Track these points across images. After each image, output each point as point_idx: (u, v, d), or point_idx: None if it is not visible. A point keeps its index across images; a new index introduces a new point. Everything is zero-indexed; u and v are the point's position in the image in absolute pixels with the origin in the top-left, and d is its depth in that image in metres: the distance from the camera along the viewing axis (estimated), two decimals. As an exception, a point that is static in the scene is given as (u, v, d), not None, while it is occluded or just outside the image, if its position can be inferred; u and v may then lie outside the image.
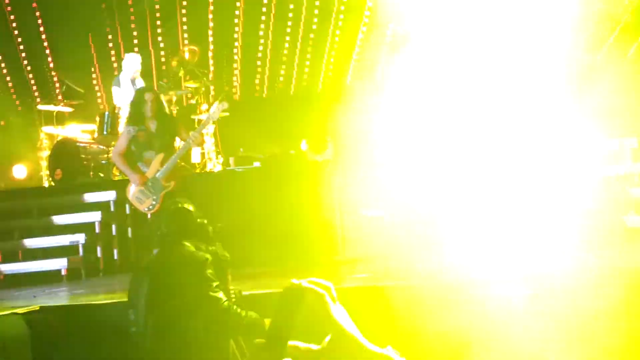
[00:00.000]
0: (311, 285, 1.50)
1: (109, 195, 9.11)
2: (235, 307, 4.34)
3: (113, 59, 12.66)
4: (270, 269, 7.79)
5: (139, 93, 7.52)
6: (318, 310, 1.48)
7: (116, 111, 10.25)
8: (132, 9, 12.64)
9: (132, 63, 10.35)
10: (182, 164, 7.74)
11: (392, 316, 5.26)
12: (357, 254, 8.22)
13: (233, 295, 4.50)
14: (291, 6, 12.40)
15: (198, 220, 4.61)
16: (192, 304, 4.29)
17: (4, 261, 8.78)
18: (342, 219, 8.47)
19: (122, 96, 10.26)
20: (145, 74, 10.80)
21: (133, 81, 10.30)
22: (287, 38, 12.51)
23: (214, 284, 4.29)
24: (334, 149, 9.50)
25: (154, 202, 7.27)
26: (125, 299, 5.38)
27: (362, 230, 8.30)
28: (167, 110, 7.59)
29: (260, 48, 12.61)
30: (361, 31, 12.27)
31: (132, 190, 7.30)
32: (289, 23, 12.47)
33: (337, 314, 1.50)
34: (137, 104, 7.35)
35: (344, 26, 12.32)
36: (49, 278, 8.21)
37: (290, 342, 1.46)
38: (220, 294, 4.29)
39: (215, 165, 10.38)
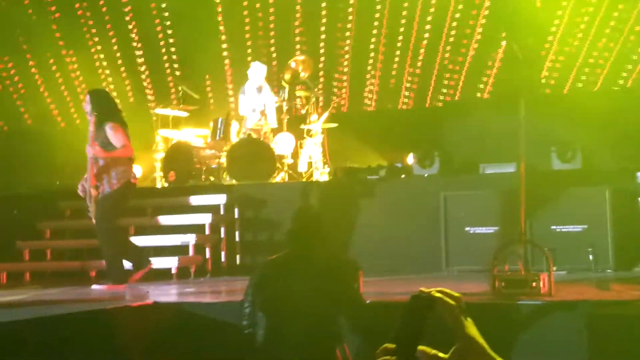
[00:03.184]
0: (441, 295, 1.51)
1: (220, 199, 9.36)
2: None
3: (226, 67, 13.02)
4: (371, 279, 7.83)
5: None
6: (447, 320, 1.49)
7: (229, 118, 10.57)
8: (246, 20, 12.97)
9: (257, 72, 10.69)
10: (113, 174, 7.69)
11: (503, 334, 5.23)
12: (461, 269, 8.17)
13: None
14: (403, 21, 12.45)
15: (325, 225, 4.73)
16: (325, 303, 4.37)
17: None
18: (447, 234, 8.44)
19: (246, 104, 10.60)
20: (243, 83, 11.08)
21: (259, 89, 10.63)
22: (398, 52, 12.57)
23: (355, 285, 4.40)
24: (441, 163, 9.47)
25: (89, 206, 7.63)
26: (232, 300, 5.54)
27: (467, 247, 8.24)
28: (107, 113, 7.71)
29: (370, 61, 12.71)
30: (472, 47, 12.20)
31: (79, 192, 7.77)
32: (400, 37, 12.52)
33: (467, 325, 1.51)
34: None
35: (455, 41, 12.28)
36: (160, 275, 8.49)
37: (420, 347, 1.47)
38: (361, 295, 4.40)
39: (321, 174, 10.52)
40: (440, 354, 1.46)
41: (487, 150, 9.62)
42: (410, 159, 10.05)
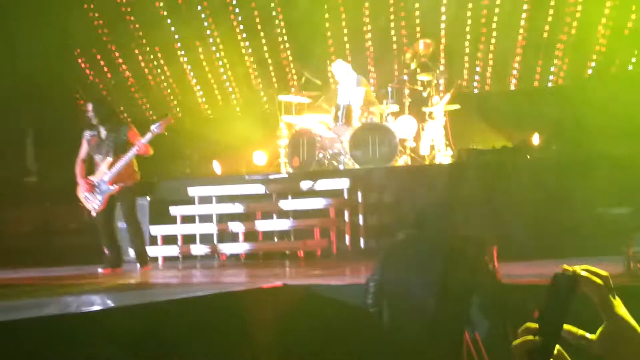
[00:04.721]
0: (588, 274, 1.46)
1: (343, 183, 9.45)
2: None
3: (347, 52, 13.10)
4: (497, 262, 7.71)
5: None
6: (594, 300, 1.44)
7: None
8: (366, 4, 12.99)
9: (337, 70, 10.83)
10: (135, 170, 8.18)
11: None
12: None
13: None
14: (525, 6, 12.17)
15: (453, 206, 4.73)
16: (454, 283, 4.37)
17: (246, 241, 9.37)
18: (575, 216, 8.22)
19: (343, 96, 10.74)
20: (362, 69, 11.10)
21: (346, 85, 10.82)
22: (521, 31, 12.28)
23: (490, 265, 4.38)
24: (564, 143, 9.22)
25: (99, 202, 8.04)
26: (358, 282, 5.60)
27: (599, 228, 7.99)
28: (117, 117, 8.42)
29: (493, 41, 12.48)
30: (600, 22, 11.77)
31: (81, 190, 8.09)
32: (523, 15, 12.23)
33: (616, 305, 1.45)
34: (86, 113, 8.20)
35: (582, 18, 11.88)
36: (287, 258, 8.66)
37: (566, 326, 1.43)
38: (495, 273, 4.38)
39: (444, 157, 10.45)
40: (588, 335, 1.43)
41: (614, 130, 9.27)
42: (535, 139, 9.84)
